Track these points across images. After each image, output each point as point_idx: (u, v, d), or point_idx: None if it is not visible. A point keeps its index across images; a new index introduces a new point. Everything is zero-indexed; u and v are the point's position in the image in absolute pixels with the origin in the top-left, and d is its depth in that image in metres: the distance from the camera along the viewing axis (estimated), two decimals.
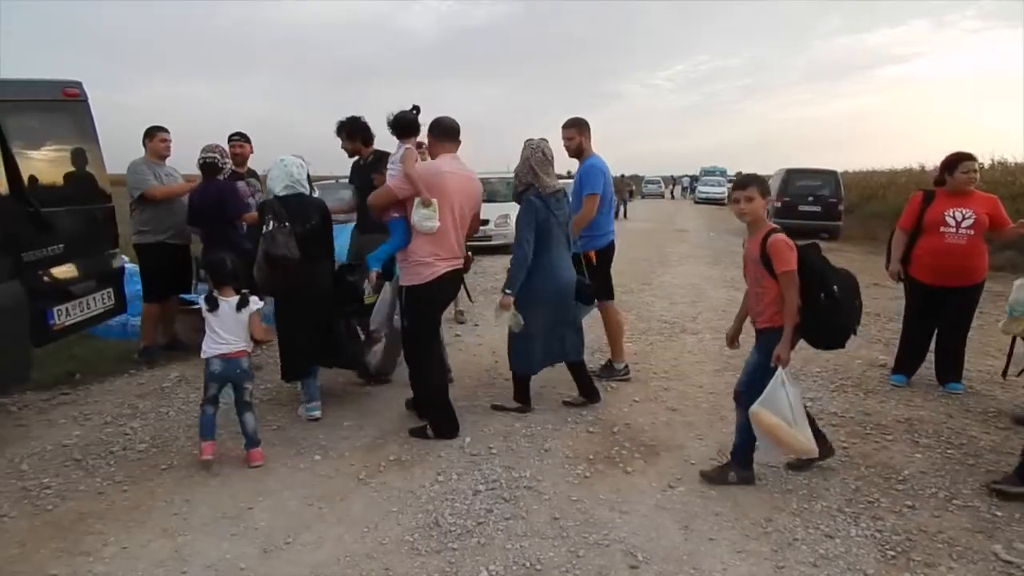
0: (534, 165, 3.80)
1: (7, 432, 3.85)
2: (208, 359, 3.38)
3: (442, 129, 3.69)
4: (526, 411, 4.06)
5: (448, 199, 3.55)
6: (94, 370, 4.91)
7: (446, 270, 3.60)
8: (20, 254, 3.61)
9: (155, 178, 4.99)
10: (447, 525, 2.82)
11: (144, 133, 5.10)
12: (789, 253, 2.87)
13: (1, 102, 3.60)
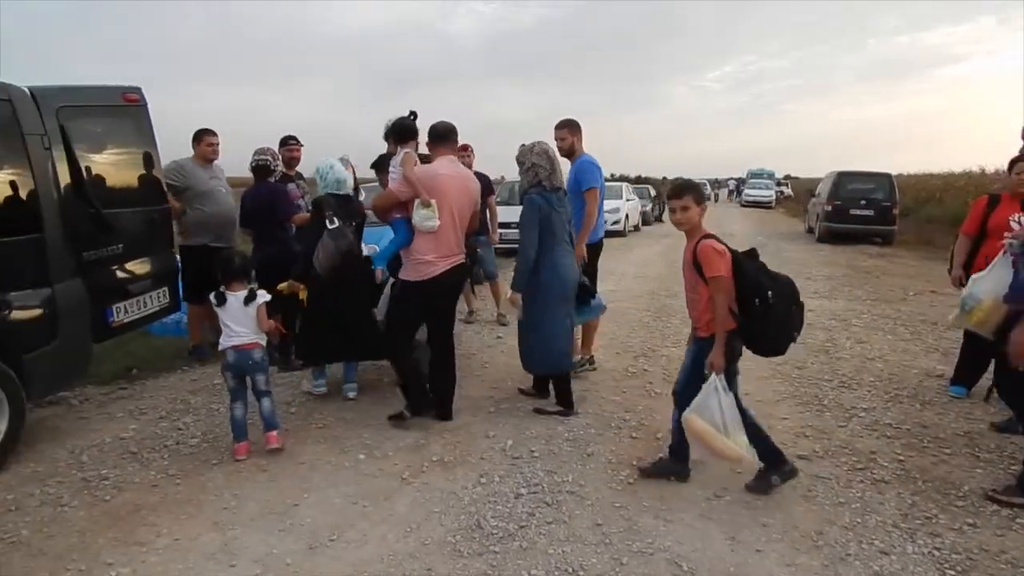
0: (552, 157, 3.93)
1: (69, 424, 4.01)
2: (224, 351, 3.56)
3: (438, 133, 3.86)
4: (569, 414, 4.05)
5: (446, 199, 3.71)
6: (149, 366, 5.08)
7: (445, 268, 3.76)
8: (82, 253, 3.75)
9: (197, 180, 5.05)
10: (489, 528, 2.82)
11: (193, 136, 5.20)
12: (717, 259, 2.86)
13: (65, 107, 3.74)
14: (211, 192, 5.10)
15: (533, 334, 3.96)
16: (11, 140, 3.43)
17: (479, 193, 4.03)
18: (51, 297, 3.54)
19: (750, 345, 3.00)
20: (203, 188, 5.07)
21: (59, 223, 3.58)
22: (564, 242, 3.94)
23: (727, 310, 2.87)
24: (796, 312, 2.95)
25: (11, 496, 3.11)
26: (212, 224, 5.08)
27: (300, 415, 4.14)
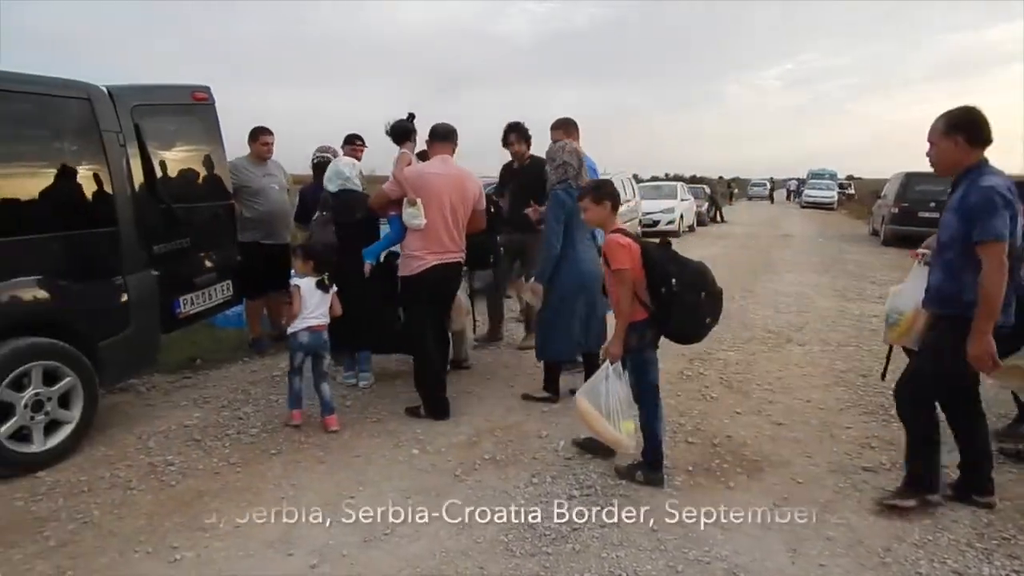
0: (581, 157, 4.02)
1: (137, 411, 4.17)
2: (295, 332, 3.82)
3: (434, 134, 4.06)
4: (554, 401, 4.18)
5: (435, 198, 3.84)
6: (212, 357, 5.25)
7: (434, 263, 3.87)
8: (152, 246, 3.90)
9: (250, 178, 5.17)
10: (541, 528, 2.80)
11: (249, 135, 5.32)
12: (620, 252, 2.99)
13: (139, 106, 3.89)
14: (264, 190, 5.21)
15: (550, 323, 4.04)
16: (89, 137, 3.59)
17: (477, 192, 4.08)
18: (124, 288, 3.70)
19: (662, 332, 3.13)
20: (256, 186, 5.17)
21: (132, 217, 3.73)
22: (587, 237, 4.04)
23: (629, 301, 3.02)
24: (706, 300, 3.04)
25: (84, 478, 3.26)
26: (264, 221, 5.19)
27: (355, 408, 4.20)
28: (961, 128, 2.68)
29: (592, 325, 4.09)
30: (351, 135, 5.52)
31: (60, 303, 3.40)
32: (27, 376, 3.25)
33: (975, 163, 2.68)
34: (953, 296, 2.69)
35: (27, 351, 3.24)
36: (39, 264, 3.34)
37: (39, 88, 3.44)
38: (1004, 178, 2.65)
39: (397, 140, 4.21)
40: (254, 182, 5.18)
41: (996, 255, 2.53)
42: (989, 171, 2.66)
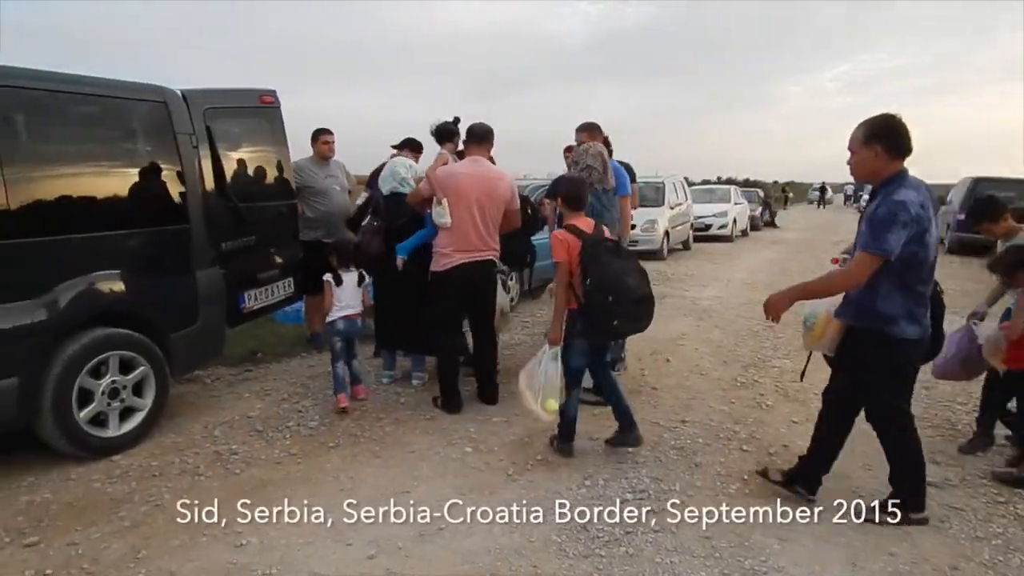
0: (605, 159, 4.04)
1: (203, 401, 4.35)
2: (333, 321, 4.16)
3: (471, 134, 4.18)
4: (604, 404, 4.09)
5: (464, 198, 3.93)
6: (273, 351, 5.42)
7: (461, 261, 3.98)
8: (220, 244, 4.07)
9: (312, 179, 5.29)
10: (594, 530, 2.81)
11: (311, 135, 5.42)
12: (557, 246, 3.29)
13: (210, 108, 4.07)
14: (326, 191, 5.32)
15: None
16: (164, 139, 3.78)
17: (508, 192, 4.13)
18: (194, 283, 3.87)
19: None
20: (319, 187, 5.29)
21: (203, 215, 3.91)
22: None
23: (563, 291, 3.32)
24: (615, 303, 3.17)
25: (155, 463, 3.42)
26: (326, 221, 5.28)
27: (409, 406, 4.28)
28: (880, 137, 2.63)
29: None
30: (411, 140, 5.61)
31: (136, 296, 3.58)
32: (105, 365, 3.43)
33: (894, 173, 2.64)
34: (868, 308, 2.68)
35: (105, 341, 3.42)
36: (117, 259, 3.52)
37: (120, 92, 3.64)
38: (919, 191, 2.60)
39: (439, 140, 4.43)
40: (317, 182, 5.30)
41: (866, 265, 2.57)
42: (907, 183, 2.61)
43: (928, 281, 2.70)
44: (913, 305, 2.65)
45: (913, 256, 2.58)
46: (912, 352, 2.73)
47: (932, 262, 2.68)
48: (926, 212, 2.56)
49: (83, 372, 3.32)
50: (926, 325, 2.72)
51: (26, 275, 3.15)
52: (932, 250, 2.65)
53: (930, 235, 2.60)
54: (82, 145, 3.57)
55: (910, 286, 2.62)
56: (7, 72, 3.16)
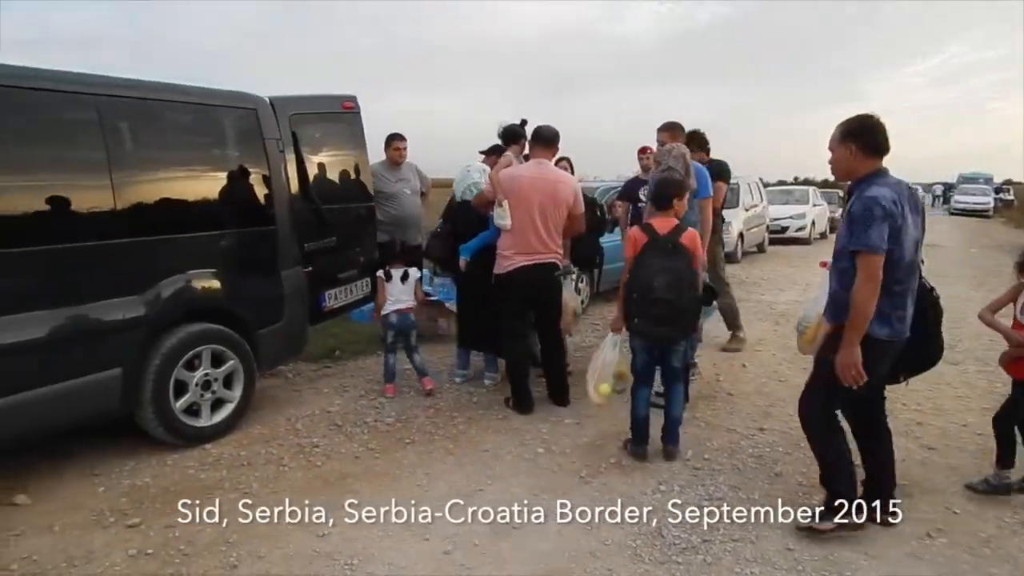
0: (687, 163, 3.98)
1: (285, 395, 4.53)
2: (386, 315, 4.44)
3: (536, 137, 4.21)
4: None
5: (524, 201, 3.96)
6: (349, 349, 5.59)
7: (522, 263, 4.00)
8: (304, 244, 4.23)
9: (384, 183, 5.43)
10: (671, 537, 2.77)
11: (384, 141, 5.59)
12: (626, 242, 3.47)
13: (296, 115, 4.24)
14: (396, 194, 5.48)
15: None
16: (254, 144, 3.96)
17: (570, 195, 4.12)
18: (280, 282, 4.05)
19: None
20: (390, 191, 5.44)
21: (288, 217, 4.07)
22: None
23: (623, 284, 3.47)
24: (640, 301, 3.33)
25: (243, 452, 3.59)
26: (396, 223, 5.41)
27: (481, 405, 4.34)
28: (855, 136, 2.65)
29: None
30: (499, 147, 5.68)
31: (227, 294, 3.77)
32: (199, 358, 3.63)
33: (870, 172, 2.65)
34: (843, 305, 2.63)
35: (200, 335, 3.62)
36: (210, 258, 3.72)
37: (214, 100, 3.84)
38: (894, 188, 2.58)
39: (505, 142, 4.51)
40: (388, 187, 5.45)
41: (866, 266, 2.52)
42: (881, 181, 2.60)
43: (905, 281, 2.63)
44: (885, 305, 2.58)
45: (888, 254, 2.54)
46: (879, 353, 2.64)
47: (909, 263, 2.63)
48: (899, 209, 2.54)
49: (179, 364, 3.52)
50: (899, 328, 2.65)
51: (130, 272, 3.36)
52: (908, 250, 2.60)
53: (905, 234, 2.57)
54: (180, 151, 3.79)
55: (884, 285, 2.55)
56: (114, 82, 3.39)
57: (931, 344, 2.84)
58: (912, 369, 2.91)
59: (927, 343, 2.81)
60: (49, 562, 2.62)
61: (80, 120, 3.22)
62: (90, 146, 3.22)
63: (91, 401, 3.24)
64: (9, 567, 2.59)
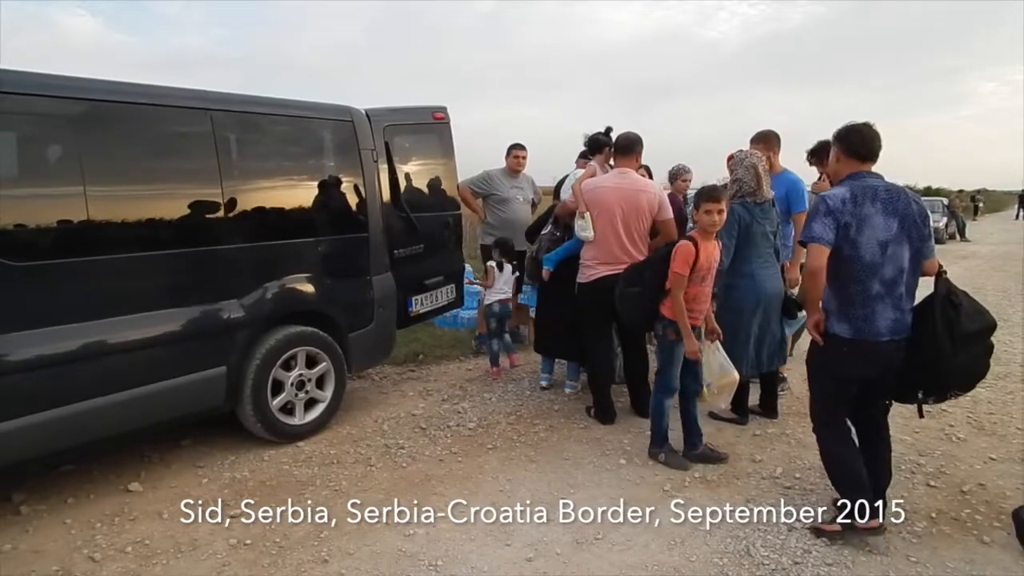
0: (760, 172, 3.83)
1: (373, 397, 4.69)
2: (490, 304, 5.03)
3: (616, 146, 4.18)
4: (741, 423, 4.10)
5: (607, 211, 3.96)
6: (433, 353, 5.72)
7: (605, 273, 3.97)
8: (394, 251, 4.37)
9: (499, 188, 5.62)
10: (759, 557, 2.69)
11: (506, 150, 5.76)
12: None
13: (390, 126, 4.39)
14: (509, 200, 5.64)
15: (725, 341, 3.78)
16: (350, 154, 4.13)
17: (653, 203, 4.03)
18: (370, 287, 4.20)
19: None
20: (503, 196, 5.63)
21: (380, 225, 4.22)
22: (766, 253, 3.86)
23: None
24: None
25: (333, 451, 3.74)
26: (505, 227, 5.55)
27: (563, 413, 4.34)
28: (840, 140, 2.82)
29: (768, 343, 3.92)
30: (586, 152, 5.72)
31: (322, 298, 3.94)
32: (294, 359, 3.81)
33: (850, 174, 2.78)
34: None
35: (296, 337, 3.80)
36: (307, 264, 3.91)
37: (314, 112, 4.04)
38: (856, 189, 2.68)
39: (591, 152, 4.52)
40: (503, 192, 5.63)
41: (810, 256, 2.71)
42: (848, 182, 2.74)
43: (865, 282, 2.68)
44: (844, 303, 2.72)
45: (838, 251, 2.67)
46: (841, 350, 2.75)
47: (870, 263, 2.67)
48: (854, 208, 2.65)
49: (277, 364, 3.71)
50: (866, 328, 2.69)
51: (235, 277, 3.57)
52: (867, 250, 2.66)
53: (861, 233, 2.65)
54: (282, 161, 4.01)
55: (842, 283, 2.71)
56: (223, 98, 3.62)
57: (939, 360, 2.62)
58: (928, 389, 2.75)
59: (935, 359, 2.63)
60: (159, 547, 2.81)
61: (196, 133, 3.46)
62: (204, 157, 3.46)
63: (199, 397, 3.47)
64: (124, 549, 2.80)
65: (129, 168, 3.27)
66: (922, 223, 2.72)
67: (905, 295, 2.72)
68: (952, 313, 2.63)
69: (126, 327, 3.13)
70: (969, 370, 2.69)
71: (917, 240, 2.70)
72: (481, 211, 5.74)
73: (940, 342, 2.61)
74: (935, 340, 2.62)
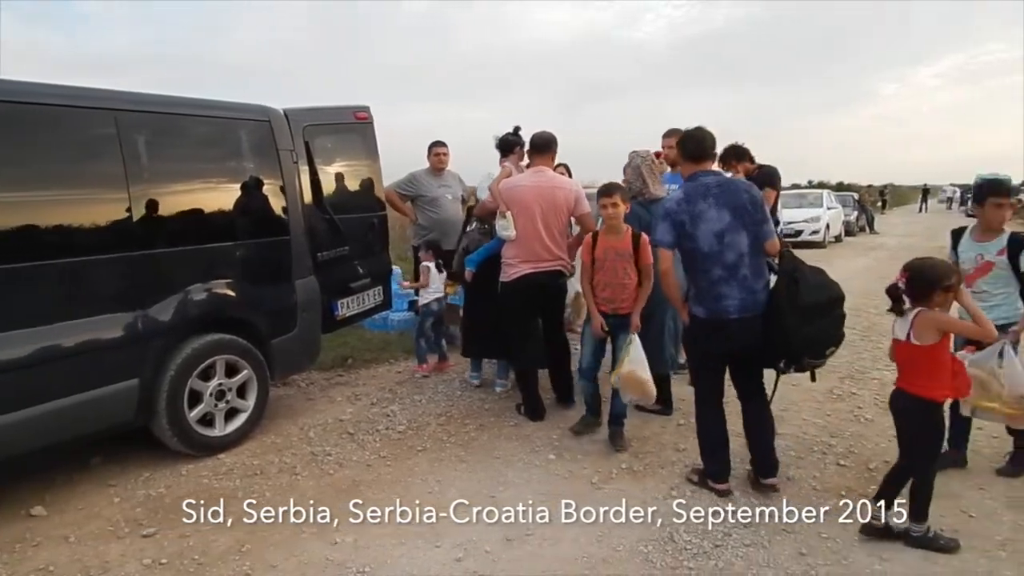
0: (644, 172, 4.01)
1: (299, 404, 4.57)
2: (427, 303, 5.04)
3: (532, 145, 4.25)
4: (666, 413, 4.18)
5: (527, 209, 3.98)
6: (362, 357, 5.62)
7: (528, 271, 4.02)
8: (317, 254, 4.27)
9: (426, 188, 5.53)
10: (682, 542, 2.76)
11: (427, 148, 5.66)
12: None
13: (309, 126, 4.29)
14: (438, 199, 5.54)
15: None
16: (268, 155, 4.02)
17: (571, 199, 4.08)
18: (293, 291, 4.09)
19: None
20: (432, 195, 5.54)
21: (302, 228, 4.12)
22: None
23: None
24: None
25: (256, 462, 3.62)
26: (437, 227, 5.48)
27: (493, 412, 4.34)
28: (679, 146, 3.24)
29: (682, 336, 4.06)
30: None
31: (241, 304, 3.82)
32: (213, 368, 3.67)
33: (690, 174, 3.11)
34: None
35: (214, 346, 3.66)
36: (225, 269, 3.77)
37: (229, 113, 3.90)
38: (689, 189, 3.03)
39: (503, 153, 4.56)
40: (430, 191, 5.54)
41: (657, 260, 3.15)
42: (685, 184, 3.13)
43: (709, 269, 2.99)
44: (698, 289, 3.08)
45: (683, 246, 3.04)
46: (699, 330, 3.12)
47: (708, 252, 2.98)
48: (688, 207, 2.99)
49: (193, 375, 3.56)
50: (716, 307, 3.01)
51: (145, 284, 3.41)
52: (705, 242, 2.97)
53: (697, 228, 2.97)
54: (195, 163, 3.84)
55: (693, 272, 3.08)
56: (130, 98, 3.46)
57: (786, 332, 2.89)
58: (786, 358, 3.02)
59: (781, 331, 2.90)
60: (66, 572, 2.65)
61: (100, 135, 3.28)
62: (108, 160, 3.28)
63: (108, 412, 3.29)
64: None
65: (28, 173, 3.08)
66: (754, 210, 3.00)
67: (751, 276, 3.00)
68: (793, 288, 2.90)
69: (23, 341, 2.94)
70: (817, 340, 2.95)
71: (752, 226, 2.99)
72: (411, 213, 5.66)
73: (783, 316, 2.89)
74: (779, 314, 2.91)
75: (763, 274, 3.07)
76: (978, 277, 3.20)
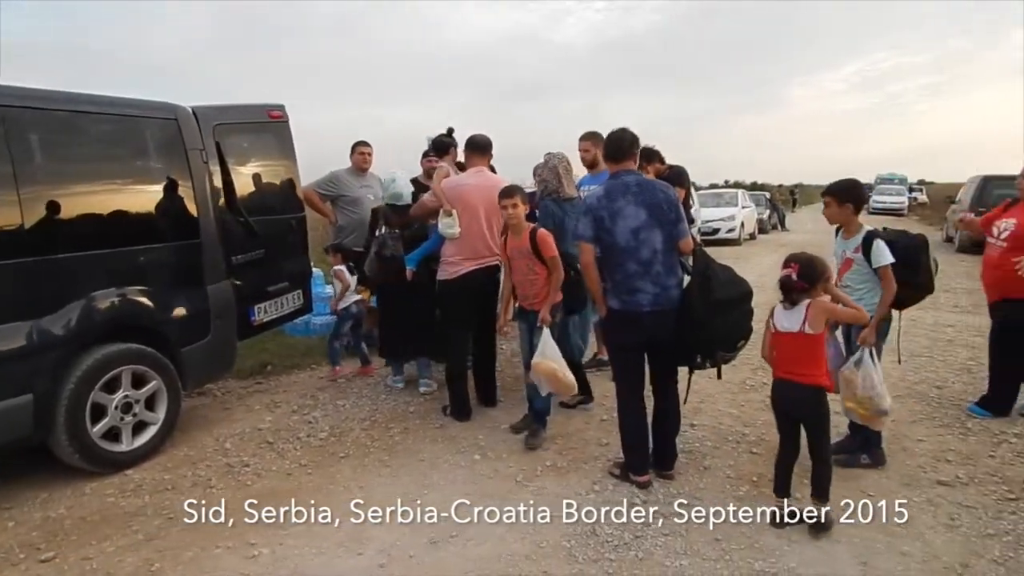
0: (560, 172, 4.16)
1: (214, 414, 4.39)
2: (348, 306, 5.04)
3: (472, 145, 4.30)
4: (587, 402, 4.31)
5: (471, 208, 4.04)
6: (282, 363, 5.46)
7: (470, 268, 4.08)
8: (231, 257, 4.11)
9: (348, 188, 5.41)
10: (604, 535, 2.82)
11: (350, 148, 5.53)
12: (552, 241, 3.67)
13: (220, 124, 4.13)
14: (359, 199, 5.40)
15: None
16: (176, 155, 3.84)
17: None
18: (205, 297, 3.93)
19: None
20: (353, 196, 5.40)
21: (214, 230, 3.96)
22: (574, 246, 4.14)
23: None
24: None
25: (168, 476, 3.46)
26: (358, 227, 5.32)
27: (418, 414, 4.31)
28: (604, 146, 3.37)
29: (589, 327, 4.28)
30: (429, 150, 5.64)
31: (148, 311, 3.63)
32: (117, 379, 3.48)
33: (612, 173, 3.25)
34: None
35: (118, 356, 3.47)
36: (129, 275, 3.58)
37: (132, 110, 3.70)
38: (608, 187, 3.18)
39: (438, 153, 4.67)
40: (352, 191, 5.40)
41: (580, 252, 3.23)
42: (605, 181, 3.30)
43: (624, 264, 3.12)
44: (613, 283, 3.19)
45: (601, 241, 3.15)
46: (614, 322, 3.25)
47: (624, 248, 3.11)
48: (607, 203, 3.12)
49: (96, 387, 3.37)
50: (630, 301, 3.14)
51: (41, 292, 3.20)
52: (621, 237, 3.11)
53: (615, 224, 3.10)
54: (96, 163, 3.63)
55: (610, 266, 3.18)
56: (21, 93, 3.23)
57: (698, 326, 3.06)
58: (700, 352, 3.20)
59: (694, 325, 3.07)
60: None
61: None
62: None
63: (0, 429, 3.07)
64: None
65: None
66: (668, 210, 3.14)
67: (664, 272, 3.13)
68: (705, 285, 3.07)
69: None
70: (729, 333, 3.15)
71: (667, 225, 3.13)
72: (331, 214, 5.52)
73: (695, 311, 3.06)
74: (693, 309, 3.07)
75: (676, 271, 3.19)
76: (844, 272, 3.45)
